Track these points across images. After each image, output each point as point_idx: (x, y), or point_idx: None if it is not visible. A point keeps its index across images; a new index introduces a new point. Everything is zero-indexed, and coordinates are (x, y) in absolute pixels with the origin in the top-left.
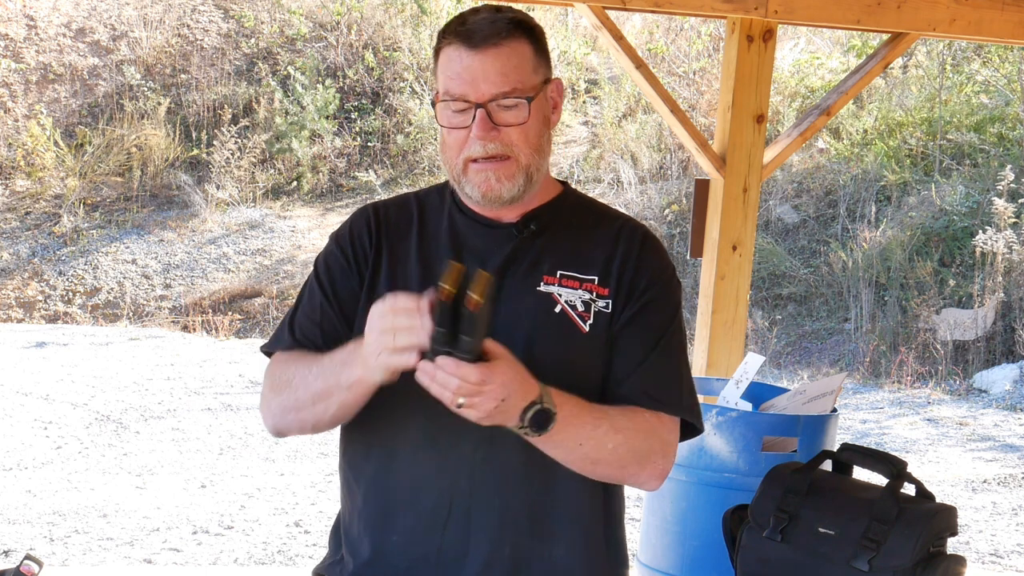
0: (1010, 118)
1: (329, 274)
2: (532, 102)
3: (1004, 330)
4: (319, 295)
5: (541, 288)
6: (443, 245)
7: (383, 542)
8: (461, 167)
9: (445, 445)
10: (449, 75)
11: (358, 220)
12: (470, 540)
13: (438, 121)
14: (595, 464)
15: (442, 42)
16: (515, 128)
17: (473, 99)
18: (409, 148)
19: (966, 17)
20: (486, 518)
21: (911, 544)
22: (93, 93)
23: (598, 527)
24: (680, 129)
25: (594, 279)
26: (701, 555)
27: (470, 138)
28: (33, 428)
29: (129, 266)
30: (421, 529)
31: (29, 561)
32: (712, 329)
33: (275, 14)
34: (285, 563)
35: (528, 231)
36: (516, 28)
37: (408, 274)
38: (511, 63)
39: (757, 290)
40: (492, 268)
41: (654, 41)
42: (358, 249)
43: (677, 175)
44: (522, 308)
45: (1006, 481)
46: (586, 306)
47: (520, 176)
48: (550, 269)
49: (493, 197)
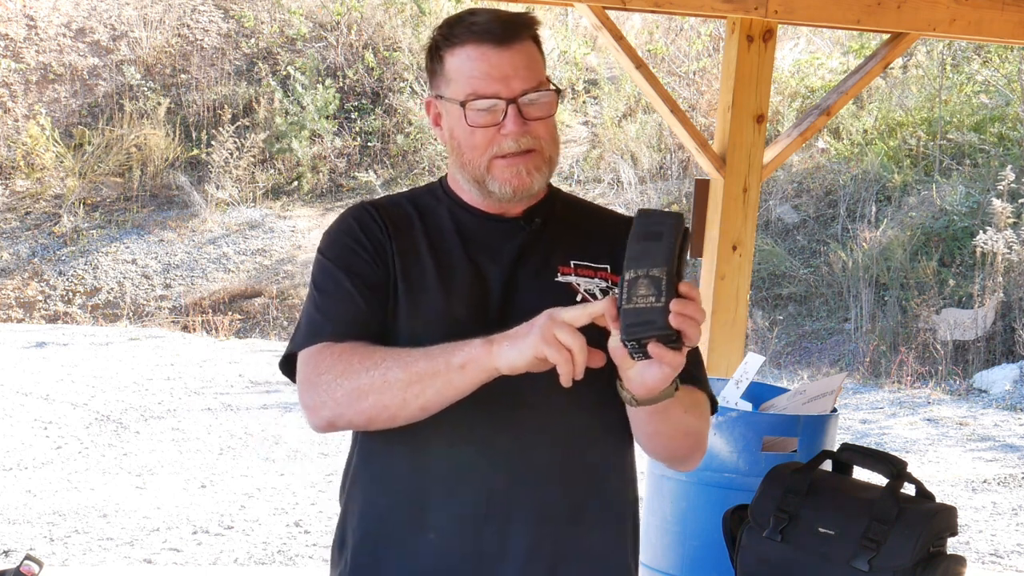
0: (1010, 118)
1: (358, 266)
2: (559, 94)
3: (1004, 330)
4: (352, 289)
5: (559, 279)
6: (450, 240)
7: (417, 542)
8: (486, 165)
9: (481, 439)
10: (475, 75)
11: (362, 216)
12: (510, 536)
13: (467, 123)
14: (686, 435)
15: (453, 44)
16: (543, 121)
17: (506, 96)
18: (409, 148)
19: (966, 17)
20: (525, 513)
21: (911, 544)
22: (93, 93)
23: (628, 518)
24: (680, 129)
25: (607, 267)
26: (701, 555)
27: (499, 135)
28: (33, 428)
29: (129, 266)
30: (458, 526)
31: (29, 561)
32: (712, 329)
33: (275, 14)
34: (285, 563)
35: (535, 224)
36: (526, 26)
37: (424, 269)
38: (533, 58)
39: (757, 290)
40: (506, 261)
41: (654, 41)
42: (375, 241)
43: (677, 175)
44: (544, 300)
45: (1006, 481)
46: (604, 294)
47: (546, 168)
48: (563, 260)
49: (524, 191)
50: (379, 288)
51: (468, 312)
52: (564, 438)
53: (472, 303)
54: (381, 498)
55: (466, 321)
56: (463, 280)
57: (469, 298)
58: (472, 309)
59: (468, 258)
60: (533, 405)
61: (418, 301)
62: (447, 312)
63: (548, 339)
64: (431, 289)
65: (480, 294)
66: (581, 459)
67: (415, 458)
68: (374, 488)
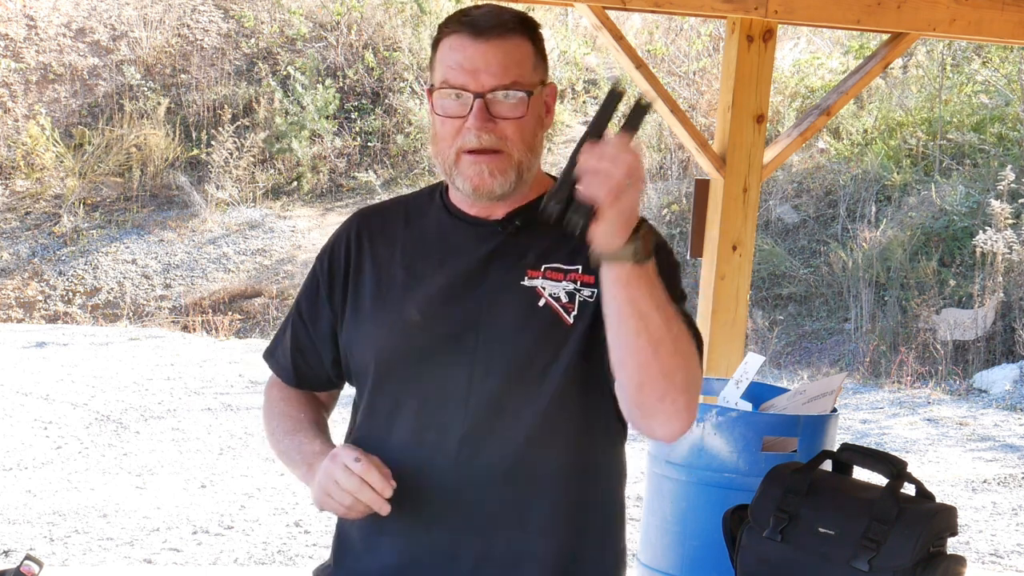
0: (1010, 118)
1: (308, 301)
2: (531, 97)
3: (1004, 330)
4: (299, 325)
5: (525, 283)
6: (428, 246)
7: (375, 543)
8: (453, 158)
9: (431, 443)
10: (449, 64)
11: (340, 237)
12: (461, 538)
13: (432, 111)
14: (655, 350)
15: (443, 32)
16: (511, 122)
17: (473, 89)
18: (409, 148)
19: (966, 17)
20: (475, 515)
21: (911, 544)
22: (93, 93)
23: (594, 522)
24: (680, 129)
25: (578, 268)
26: (701, 555)
27: (464, 128)
28: (33, 428)
29: (129, 266)
30: (411, 528)
31: (29, 561)
32: (712, 329)
33: (275, 14)
34: (285, 563)
35: (512, 227)
36: (520, 25)
37: (393, 279)
38: (513, 57)
39: (757, 290)
40: (475, 263)
41: (654, 41)
42: (336, 268)
43: (677, 175)
44: (506, 304)
45: (1006, 481)
46: (570, 297)
47: (512, 172)
48: (534, 263)
49: (484, 191)
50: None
51: (426, 320)
52: (511, 440)
53: (431, 310)
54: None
55: (424, 328)
56: (428, 286)
57: (431, 306)
58: (431, 317)
59: (439, 263)
60: (479, 406)
61: (383, 308)
62: (406, 320)
63: (321, 502)
64: (395, 298)
65: (442, 301)
66: (529, 463)
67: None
68: None
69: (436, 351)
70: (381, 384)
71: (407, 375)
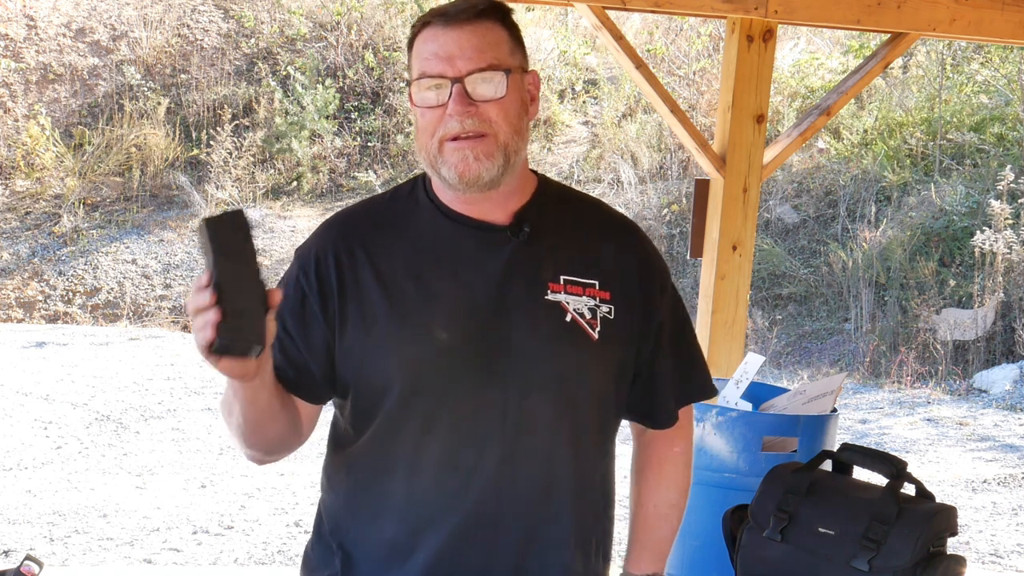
0: (1010, 118)
1: (293, 316)
2: (510, 76)
3: (1004, 330)
4: (286, 340)
5: (549, 297)
6: (432, 254)
7: (406, 562)
8: (436, 148)
9: (468, 461)
10: (425, 56)
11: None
12: (498, 556)
13: (412, 104)
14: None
15: (415, 29)
16: (493, 104)
17: (450, 75)
18: (409, 148)
19: (966, 17)
20: (514, 534)
21: (911, 544)
22: (93, 93)
23: (607, 538)
24: (680, 129)
25: (595, 283)
26: (701, 555)
27: (445, 116)
28: (33, 428)
29: (129, 266)
30: (448, 549)
31: (29, 561)
32: (712, 329)
33: (275, 14)
34: (285, 563)
35: (523, 234)
36: (491, 9)
37: (403, 292)
38: (487, 40)
39: (757, 290)
40: (494, 280)
41: (654, 41)
42: (326, 280)
43: (677, 175)
44: (535, 320)
45: (1006, 481)
46: (592, 313)
47: (499, 155)
48: (553, 275)
49: (471, 178)
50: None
51: (456, 337)
52: (548, 459)
53: (460, 328)
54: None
55: (457, 347)
56: (448, 302)
57: (456, 323)
58: (461, 334)
59: (452, 276)
60: (516, 424)
61: (403, 324)
62: (434, 339)
63: (198, 346)
64: (414, 313)
65: (468, 318)
66: (566, 480)
67: (405, 485)
68: (358, 512)
69: (468, 369)
70: (409, 400)
71: (439, 391)
